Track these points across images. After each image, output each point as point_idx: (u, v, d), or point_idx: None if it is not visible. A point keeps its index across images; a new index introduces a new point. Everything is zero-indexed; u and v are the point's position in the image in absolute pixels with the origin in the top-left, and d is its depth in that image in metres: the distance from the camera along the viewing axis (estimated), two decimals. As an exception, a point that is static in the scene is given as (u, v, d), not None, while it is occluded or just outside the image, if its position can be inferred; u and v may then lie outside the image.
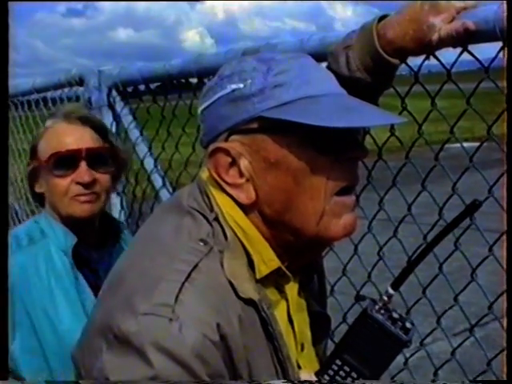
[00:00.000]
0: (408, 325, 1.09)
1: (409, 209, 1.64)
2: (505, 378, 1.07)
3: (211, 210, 1.06)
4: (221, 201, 1.07)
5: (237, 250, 1.04)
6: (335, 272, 1.80)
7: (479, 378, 1.59)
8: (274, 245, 1.08)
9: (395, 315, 1.09)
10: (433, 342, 1.77)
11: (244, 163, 1.05)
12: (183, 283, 0.96)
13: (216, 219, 1.05)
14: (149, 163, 2.36)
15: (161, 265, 1.00)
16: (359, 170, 1.12)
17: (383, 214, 1.64)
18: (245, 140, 1.04)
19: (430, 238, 1.51)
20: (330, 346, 1.24)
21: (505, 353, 1.06)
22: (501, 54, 1.26)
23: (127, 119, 2.42)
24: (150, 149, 2.37)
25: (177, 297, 0.94)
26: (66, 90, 2.74)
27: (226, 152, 1.05)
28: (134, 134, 2.40)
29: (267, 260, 1.06)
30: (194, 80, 2.03)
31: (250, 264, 1.05)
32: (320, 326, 1.22)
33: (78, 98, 2.63)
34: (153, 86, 2.26)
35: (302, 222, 1.05)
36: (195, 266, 0.98)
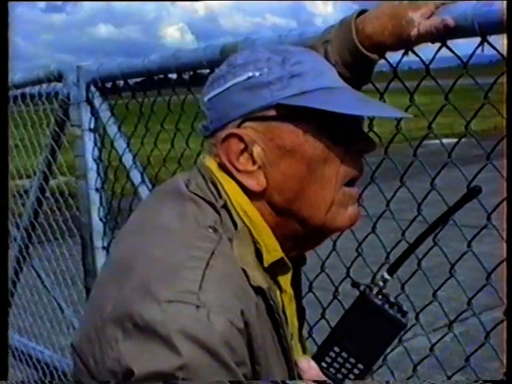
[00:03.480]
0: (404, 308, 1.11)
1: (387, 204, 1.64)
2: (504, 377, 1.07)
3: (219, 197, 1.06)
4: (229, 188, 1.07)
5: (245, 238, 1.04)
6: (314, 268, 1.81)
7: (458, 374, 1.59)
8: (278, 234, 1.08)
9: (391, 299, 1.11)
10: (413, 338, 1.78)
11: (257, 150, 1.06)
12: (204, 270, 0.94)
13: (224, 206, 1.05)
14: (127, 159, 2.34)
15: (174, 252, 0.98)
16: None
17: (362, 209, 1.64)
18: (259, 127, 1.05)
19: (408, 233, 1.53)
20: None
21: (505, 353, 1.06)
22: (479, 50, 1.26)
23: (105, 115, 2.40)
24: (128, 145, 2.35)
25: (200, 284, 0.92)
26: (45, 85, 2.72)
27: (240, 138, 1.06)
28: (113, 129, 2.38)
29: (272, 250, 1.07)
30: (173, 76, 2.01)
31: (257, 253, 1.05)
32: (299, 316, 1.22)
33: (56, 94, 2.61)
34: (132, 81, 2.24)
35: (311, 211, 1.07)
36: (212, 253, 0.97)
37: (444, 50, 1.31)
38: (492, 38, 1.23)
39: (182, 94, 1.99)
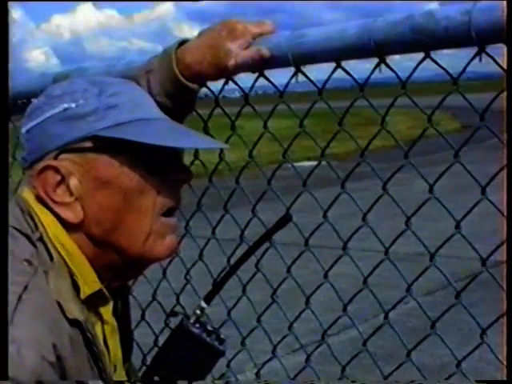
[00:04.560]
0: (222, 336, 1.14)
1: (213, 232, 1.67)
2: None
3: (36, 229, 1.04)
4: (45, 220, 1.05)
5: (61, 270, 1.02)
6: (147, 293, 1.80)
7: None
8: (97, 264, 1.07)
9: (209, 328, 1.14)
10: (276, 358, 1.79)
11: (74, 182, 1.05)
12: (16, 305, 0.92)
13: (40, 239, 1.03)
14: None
15: None
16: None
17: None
18: (76, 159, 1.05)
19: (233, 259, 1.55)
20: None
21: (505, 353, 1.07)
22: (293, 80, 1.32)
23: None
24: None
25: (12, 318, 0.90)
26: None
27: (56, 170, 1.05)
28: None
29: (89, 281, 1.06)
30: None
31: (74, 285, 1.03)
32: (124, 348, 1.20)
33: None
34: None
35: (129, 241, 1.07)
36: (25, 287, 0.95)
37: (315, 75, 1.34)
38: (306, 68, 1.31)
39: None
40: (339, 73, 1.28)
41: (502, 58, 1.07)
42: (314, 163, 1.43)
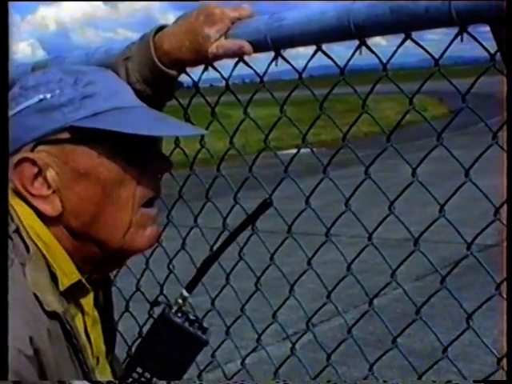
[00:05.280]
0: (205, 325, 1.13)
1: (195, 220, 1.66)
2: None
3: (11, 221, 1.01)
4: (21, 212, 1.03)
5: (38, 262, 1.00)
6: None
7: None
8: (76, 257, 1.06)
9: (192, 317, 1.13)
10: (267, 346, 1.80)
11: (51, 174, 1.03)
12: None
13: (16, 231, 1.01)
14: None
15: None
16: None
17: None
18: (53, 150, 1.03)
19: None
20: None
21: (504, 353, 1.07)
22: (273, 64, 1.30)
23: None
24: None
25: None
26: None
27: (33, 162, 1.03)
28: None
29: (68, 273, 1.04)
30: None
31: (52, 276, 1.01)
32: (107, 339, 1.19)
33: None
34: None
35: (109, 233, 1.06)
36: None
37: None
38: (286, 52, 1.29)
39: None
40: (324, 59, 1.27)
41: (486, 40, 1.06)
42: (302, 151, 1.42)
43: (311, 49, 1.25)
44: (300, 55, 1.27)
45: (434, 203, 1.28)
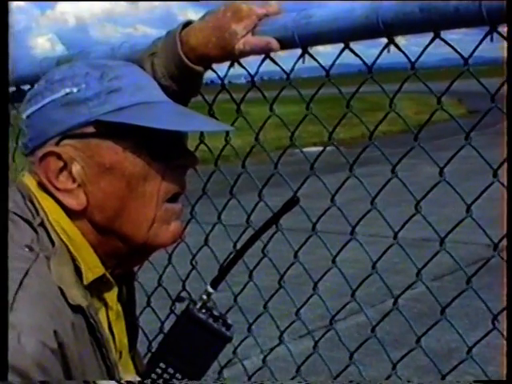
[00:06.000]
0: (229, 321, 1.13)
1: (218, 217, 1.67)
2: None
3: (37, 214, 1.02)
4: (47, 206, 1.03)
5: (63, 256, 1.01)
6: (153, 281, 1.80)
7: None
8: (100, 251, 1.06)
9: (215, 313, 1.12)
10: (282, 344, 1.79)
11: (76, 168, 1.03)
12: (17, 291, 0.90)
13: (41, 224, 1.01)
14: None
15: None
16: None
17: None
18: (78, 145, 1.03)
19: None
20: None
21: (506, 353, 1.07)
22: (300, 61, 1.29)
23: None
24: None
25: (12, 305, 0.88)
26: None
27: (58, 156, 1.03)
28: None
29: (92, 267, 1.04)
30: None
31: (77, 270, 1.02)
32: (130, 334, 1.19)
33: None
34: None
35: (133, 228, 1.06)
36: (26, 273, 0.93)
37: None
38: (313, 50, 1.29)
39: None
40: (345, 58, 1.27)
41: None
42: (320, 148, 1.42)
43: (331, 47, 1.25)
44: (321, 55, 1.26)
45: (452, 204, 1.28)
